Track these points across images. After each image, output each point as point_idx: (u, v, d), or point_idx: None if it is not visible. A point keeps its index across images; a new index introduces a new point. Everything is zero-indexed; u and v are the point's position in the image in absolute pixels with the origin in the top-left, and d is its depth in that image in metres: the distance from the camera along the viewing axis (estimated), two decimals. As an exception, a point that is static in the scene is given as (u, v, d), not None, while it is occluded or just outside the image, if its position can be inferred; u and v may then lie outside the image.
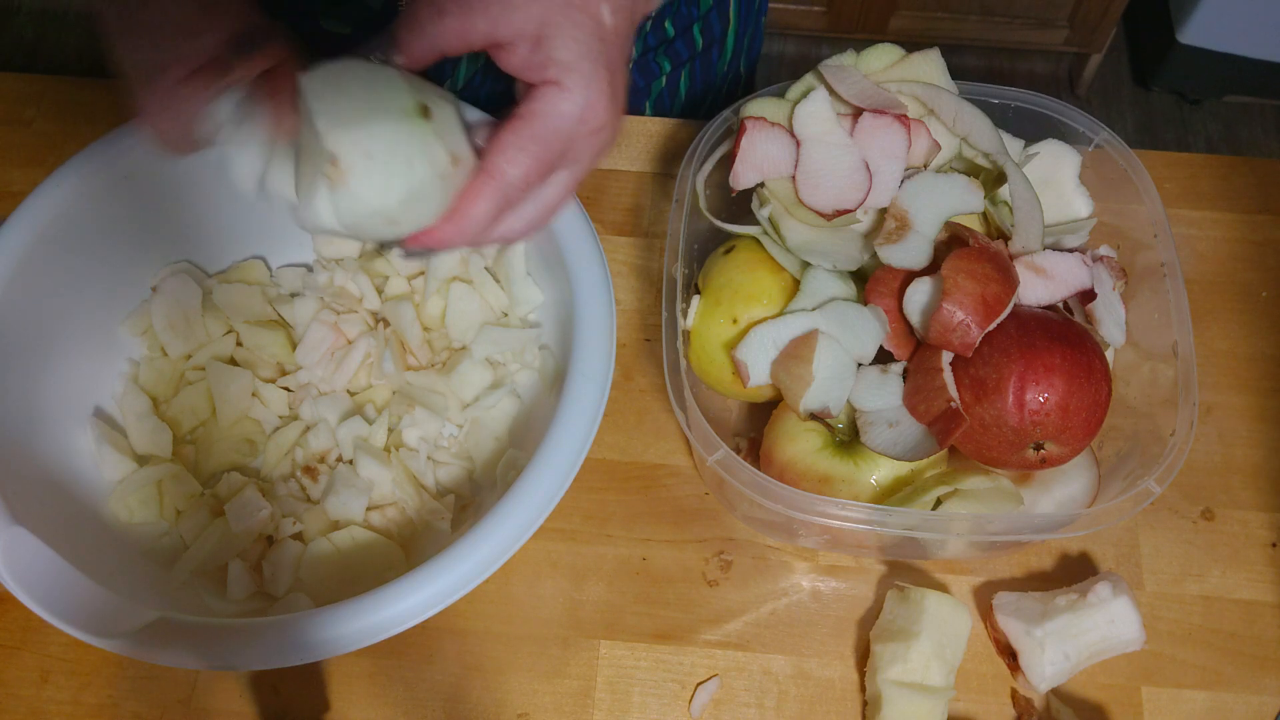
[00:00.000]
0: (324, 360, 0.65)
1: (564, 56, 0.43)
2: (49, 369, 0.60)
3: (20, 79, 0.78)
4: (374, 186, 0.42)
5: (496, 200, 0.44)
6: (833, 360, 0.56)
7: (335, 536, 0.60)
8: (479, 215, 0.44)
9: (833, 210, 0.58)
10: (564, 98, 0.43)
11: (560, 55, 0.43)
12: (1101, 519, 0.54)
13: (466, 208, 0.44)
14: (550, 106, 0.43)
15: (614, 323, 0.58)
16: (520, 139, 0.43)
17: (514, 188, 0.44)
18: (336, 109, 0.42)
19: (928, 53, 0.61)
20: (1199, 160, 0.76)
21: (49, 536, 0.50)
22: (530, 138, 0.43)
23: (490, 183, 0.44)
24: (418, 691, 0.60)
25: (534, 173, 0.44)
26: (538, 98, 0.43)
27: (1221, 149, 1.87)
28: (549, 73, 0.43)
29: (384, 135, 0.42)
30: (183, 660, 0.49)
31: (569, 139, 0.44)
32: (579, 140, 0.44)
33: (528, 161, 0.44)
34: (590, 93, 0.43)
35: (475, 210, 0.44)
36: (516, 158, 0.43)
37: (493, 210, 0.44)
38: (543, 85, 0.43)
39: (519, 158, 0.43)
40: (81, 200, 0.60)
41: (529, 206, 0.46)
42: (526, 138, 0.43)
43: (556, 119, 0.43)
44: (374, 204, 0.43)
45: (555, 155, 0.44)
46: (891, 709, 0.56)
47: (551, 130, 0.43)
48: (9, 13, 1.97)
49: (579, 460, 0.53)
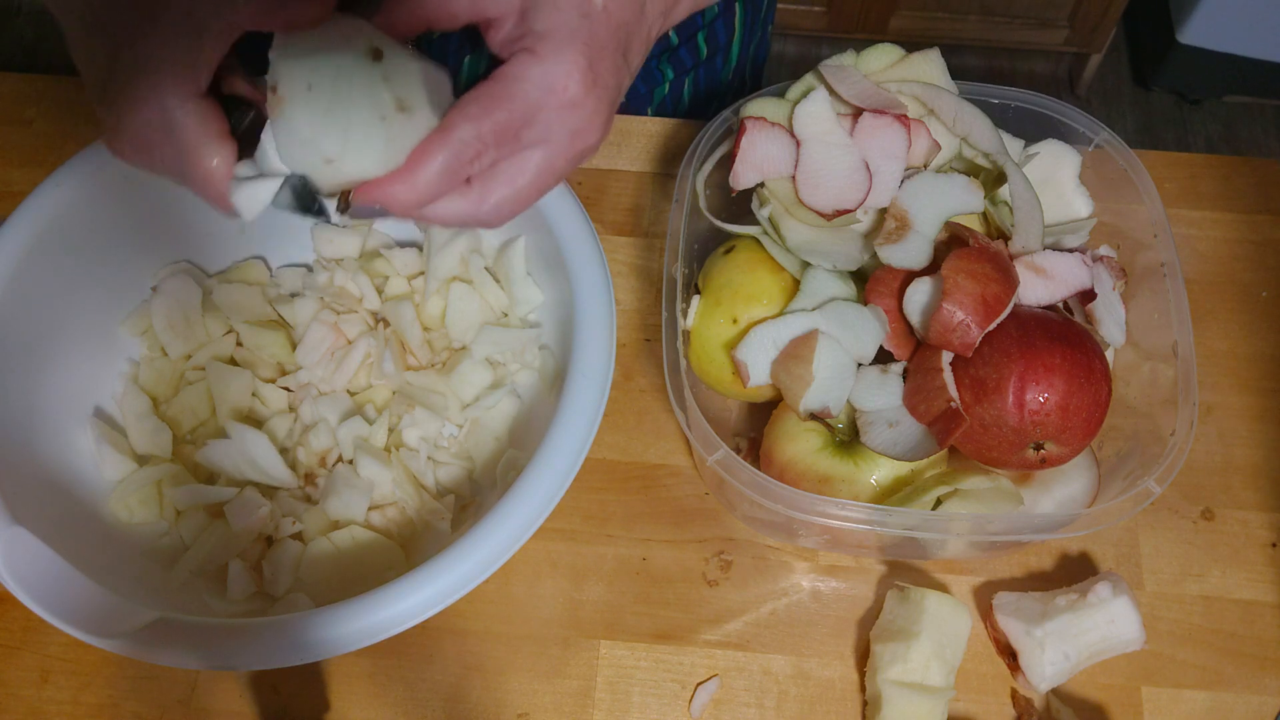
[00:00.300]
0: (324, 360, 0.65)
1: (540, 27, 0.42)
2: (49, 369, 0.60)
3: (20, 79, 0.78)
4: (310, 117, 0.42)
5: (448, 159, 0.42)
6: (833, 360, 0.56)
7: (335, 536, 0.60)
8: (429, 174, 0.42)
9: (833, 210, 0.58)
10: (533, 63, 0.42)
11: (537, 26, 0.42)
12: (1101, 519, 0.54)
13: (416, 164, 0.42)
14: (517, 70, 0.42)
15: (614, 323, 0.58)
16: (480, 98, 0.42)
17: (468, 146, 0.42)
18: (290, 47, 0.42)
19: (928, 53, 0.61)
20: (1199, 160, 0.76)
21: (49, 536, 0.50)
22: (491, 97, 0.42)
23: (443, 139, 0.42)
24: (418, 691, 0.60)
25: (490, 134, 0.42)
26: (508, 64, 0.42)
27: (1221, 149, 1.87)
28: (526, 42, 0.42)
29: (327, 69, 0.42)
30: (183, 660, 0.49)
31: (535, 106, 0.42)
32: (547, 111, 0.43)
33: (485, 121, 0.41)
34: (562, 63, 0.42)
35: (426, 168, 0.42)
36: (473, 114, 0.41)
37: (444, 170, 0.42)
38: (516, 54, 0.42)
39: (475, 114, 0.41)
40: (81, 200, 0.60)
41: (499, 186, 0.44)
42: (487, 97, 0.42)
43: (522, 83, 0.42)
44: (308, 135, 0.42)
45: (518, 121, 0.42)
46: (891, 709, 0.56)
47: (516, 93, 0.42)
48: (9, 13, 1.97)
49: (579, 460, 0.53)
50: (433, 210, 0.44)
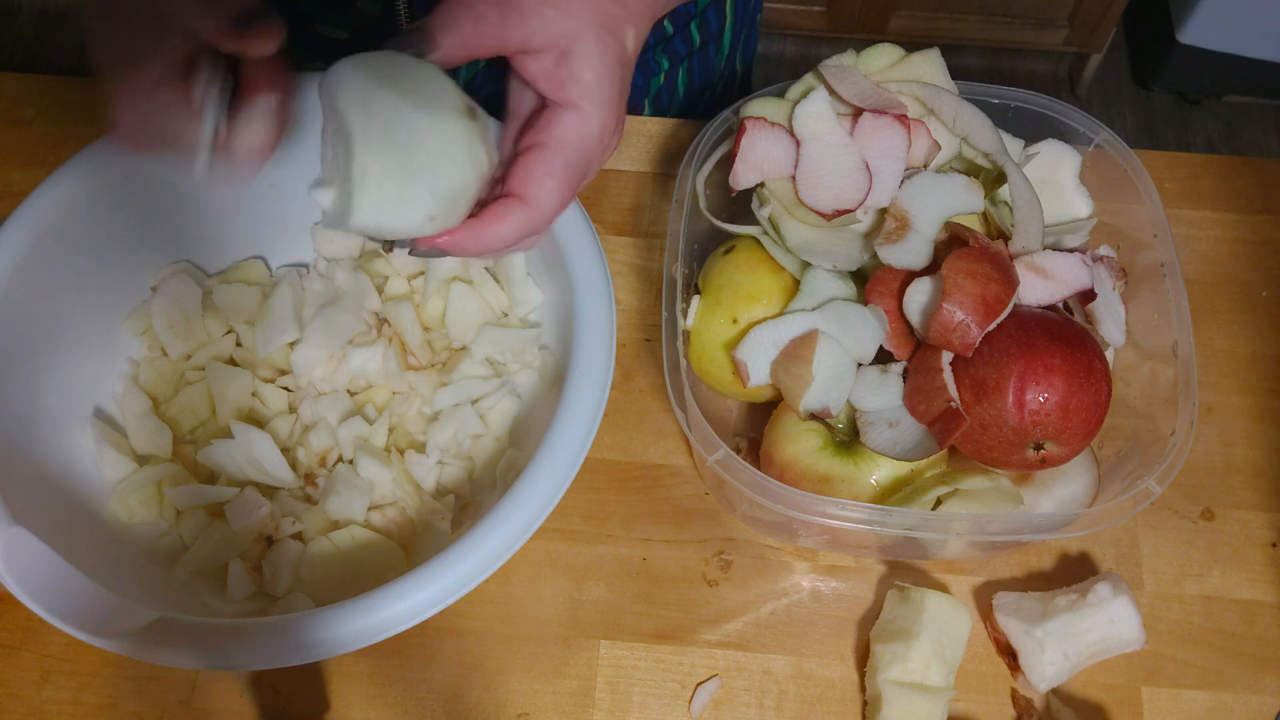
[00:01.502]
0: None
1: (586, 78, 0.44)
2: (49, 369, 0.60)
3: (20, 79, 0.78)
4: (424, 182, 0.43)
5: (527, 228, 0.45)
6: (833, 360, 0.56)
7: (335, 536, 0.60)
8: (505, 236, 0.45)
9: (833, 210, 0.58)
10: (585, 123, 0.45)
11: (583, 76, 0.44)
12: (1101, 519, 0.54)
13: (495, 225, 0.45)
14: (573, 134, 0.44)
15: (614, 323, 0.58)
16: (552, 169, 0.44)
17: (548, 218, 0.45)
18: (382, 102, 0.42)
19: (928, 53, 0.61)
20: (1199, 160, 0.76)
21: (49, 536, 0.50)
22: (562, 167, 0.44)
23: (526, 210, 0.44)
24: (418, 691, 0.60)
25: (567, 201, 0.46)
26: (559, 122, 0.44)
27: (1221, 149, 1.87)
28: (570, 93, 0.44)
29: (440, 131, 0.43)
30: (183, 660, 0.49)
31: (591, 161, 0.46)
32: (596, 159, 0.46)
33: (562, 191, 0.45)
34: (606, 117, 0.45)
35: (503, 230, 0.45)
36: (553, 189, 0.45)
37: (520, 235, 0.45)
38: (563, 107, 0.44)
39: (555, 188, 0.45)
40: (81, 200, 0.59)
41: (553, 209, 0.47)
42: (559, 167, 0.44)
43: (581, 145, 0.45)
44: (422, 200, 0.43)
45: (581, 179, 0.46)
46: (891, 709, 0.56)
47: (578, 157, 0.45)
48: (9, 13, 1.97)
49: (579, 460, 0.53)
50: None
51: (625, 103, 0.47)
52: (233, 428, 0.61)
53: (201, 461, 0.62)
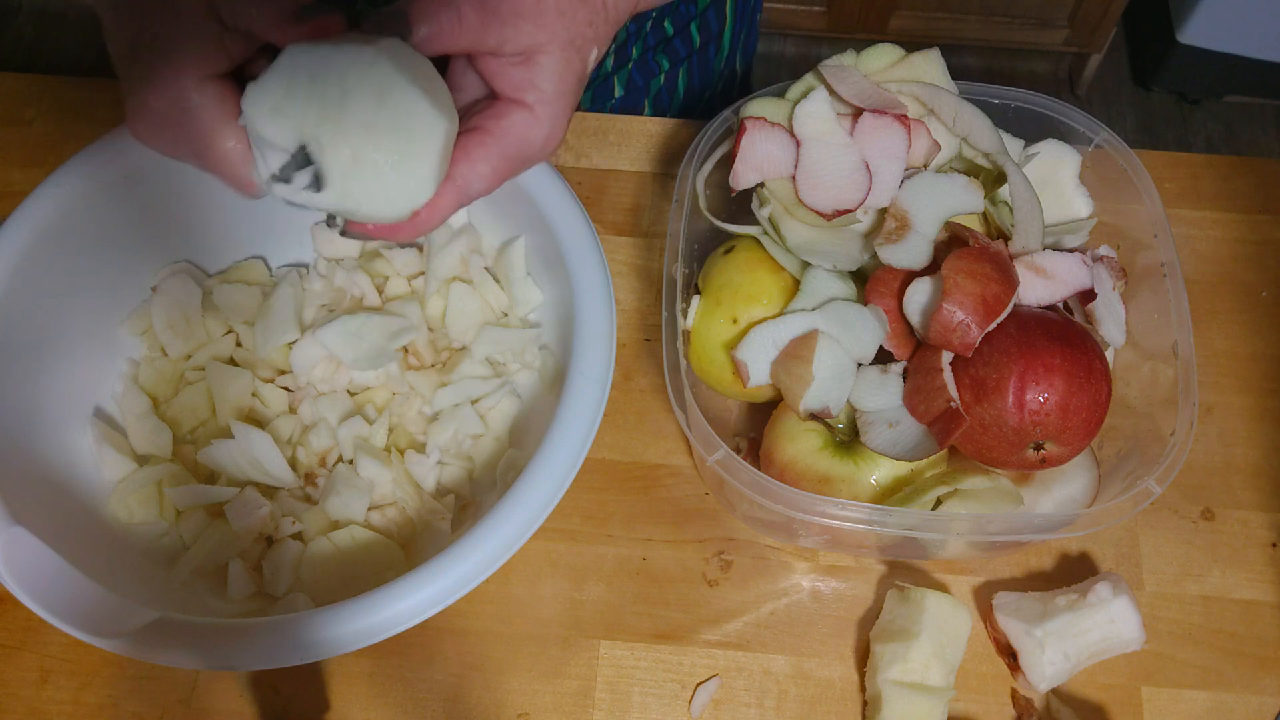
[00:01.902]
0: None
1: (546, 87, 0.46)
2: (49, 369, 0.60)
3: (20, 79, 0.78)
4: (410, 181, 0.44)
5: (456, 208, 0.46)
6: (833, 360, 0.56)
7: (335, 536, 0.60)
8: (437, 219, 0.46)
9: (833, 210, 0.58)
10: (534, 125, 0.46)
11: (543, 84, 0.45)
12: (1101, 519, 0.54)
13: (430, 213, 0.45)
14: (521, 131, 0.46)
15: (614, 323, 0.57)
16: (490, 155, 0.46)
17: (470, 200, 0.46)
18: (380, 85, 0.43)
19: (928, 53, 0.61)
20: (1199, 160, 0.76)
21: (49, 536, 0.50)
22: (500, 156, 0.46)
23: (456, 194, 0.46)
24: (418, 691, 0.60)
25: (494, 187, 0.47)
26: (508, 116, 0.46)
27: (1221, 149, 1.87)
28: (527, 96, 0.46)
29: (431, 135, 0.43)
30: (183, 660, 0.49)
31: (528, 159, 0.47)
32: (533, 160, 0.48)
33: (492, 178, 0.46)
34: (556, 126, 0.47)
35: (436, 215, 0.46)
36: (484, 173, 0.46)
37: (444, 216, 0.46)
38: (515, 104, 0.46)
39: (486, 173, 0.46)
40: (81, 200, 0.59)
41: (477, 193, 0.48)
42: (496, 155, 0.46)
43: (524, 144, 0.46)
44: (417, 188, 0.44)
45: (512, 172, 0.47)
46: (891, 709, 0.56)
47: (518, 152, 0.46)
48: (9, 13, 1.97)
49: (579, 460, 0.53)
50: None
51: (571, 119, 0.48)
52: (233, 428, 0.61)
53: (201, 461, 0.62)
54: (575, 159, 0.75)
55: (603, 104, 0.83)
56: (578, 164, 0.75)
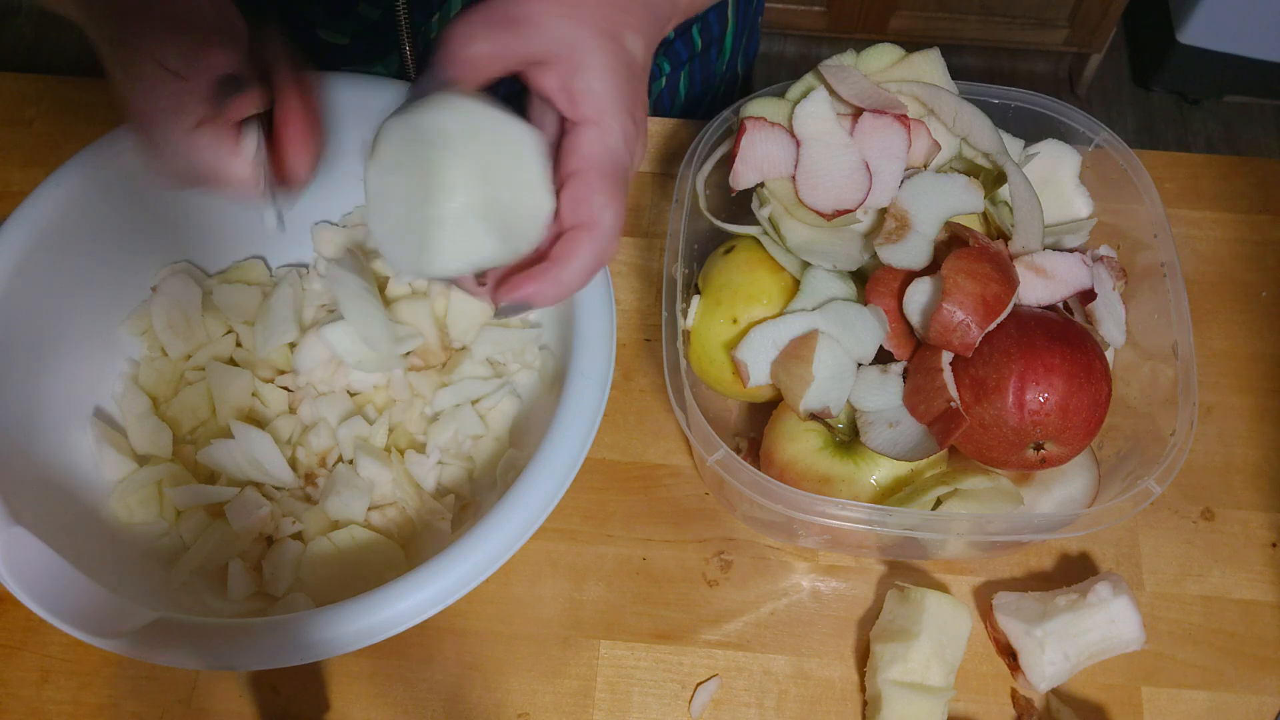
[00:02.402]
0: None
1: (597, 88, 0.44)
2: (49, 369, 0.60)
3: (20, 79, 0.78)
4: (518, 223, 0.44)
5: (599, 253, 0.44)
6: (833, 360, 0.56)
7: (335, 536, 0.60)
8: (583, 268, 0.44)
9: (833, 210, 0.58)
10: (608, 136, 0.44)
11: (594, 86, 0.44)
12: (1101, 519, 0.54)
13: (571, 262, 0.44)
14: (600, 148, 0.44)
15: (614, 323, 0.58)
16: (597, 189, 0.44)
17: (612, 237, 0.44)
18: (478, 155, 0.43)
19: (928, 53, 0.61)
20: (1199, 160, 0.76)
21: (49, 536, 0.50)
22: (606, 185, 0.44)
23: (592, 235, 0.44)
24: (418, 691, 0.60)
25: (624, 214, 0.45)
26: (586, 143, 0.44)
27: (1221, 149, 1.87)
28: (585, 109, 0.44)
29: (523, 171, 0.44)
30: (183, 660, 0.49)
31: (626, 169, 0.45)
32: (631, 167, 0.46)
33: (616, 207, 0.44)
34: (625, 124, 0.44)
35: (579, 264, 0.44)
36: (605, 205, 0.44)
37: (596, 263, 0.44)
38: (582, 125, 0.44)
39: (607, 204, 0.44)
40: (81, 200, 0.59)
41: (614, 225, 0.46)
42: (603, 186, 0.44)
43: (612, 158, 0.44)
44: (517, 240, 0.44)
45: (625, 188, 0.45)
46: (891, 709, 0.56)
47: (615, 169, 0.44)
48: (9, 13, 1.97)
49: (579, 460, 0.53)
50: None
51: (643, 106, 0.46)
52: (233, 427, 0.61)
53: (201, 461, 0.62)
54: (575, 159, 0.75)
55: None
56: (578, 164, 0.75)
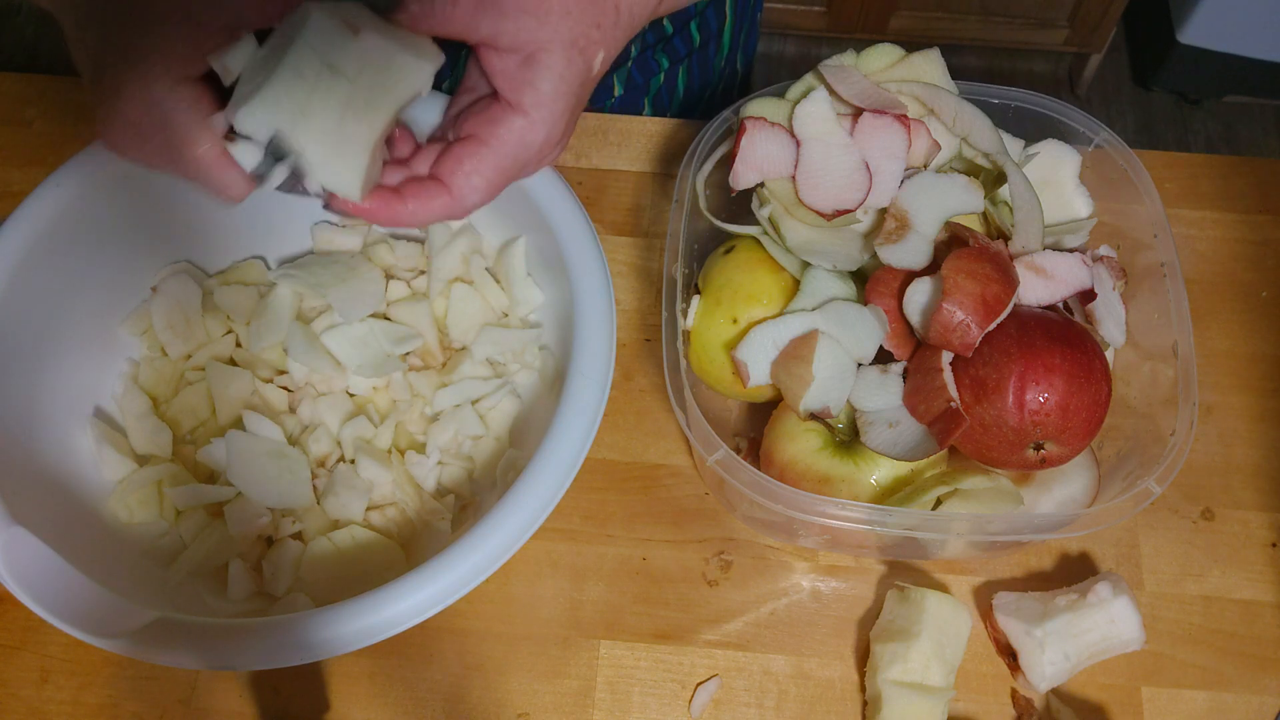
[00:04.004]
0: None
1: (544, 89, 0.44)
2: (49, 369, 0.60)
3: (20, 79, 0.78)
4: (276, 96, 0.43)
5: (444, 215, 0.46)
6: (833, 360, 0.56)
7: (335, 536, 0.60)
8: (419, 218, 0.45)
9: (833, 210, 0.58)
10: (531, 130, 0.45)
11: (542, 86, 0.44)
12: (1101, 519, 0.54)
13: (413, 206, 0.45)
14: (516, 138, 0.45)
15: (614, 323, 0.58)
16: (484, 166, 0.45)
17: (466, 210, 0.46)
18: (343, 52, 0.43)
19: (928, 53, 0.61)
20: (1199, 160, 0.76)
21: (49, 536, 0.50)
22: (494, 167, 0.45)
23: (447, 200, 0.45)
24: (418, 691, 0.60)
25: (490, 197, 0.46)
26: (503, 122, 0.45)
27: (1221, 149, 1.87)
28: (524, 98, 0.44)
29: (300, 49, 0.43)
30: (183, 660, 0.49)
31: (524, 165, 0.46)
32: (530, 165, 0.46)
33: (488, 190, 0.45)
34: (553, 130, 0.45)
35: (419, 213, 0.45)
36: (479, 185, 0.45)
37: (435, 220, 0.46)
38: (512, 109, 0.44)
39: (481, 185, 0.45)
40: (81, 200, 0.59)
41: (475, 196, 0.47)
42: (490, 166, 0.45)
43: (520, 149, 0.45)
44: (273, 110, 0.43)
45: (509, 180, 0.46)
46: (891, 709, 0.56)
47: (512, 161, 0.45)
48: (9, 13, 1.97)
49: (579, 460, 0.53)
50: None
51: (576, 121, 0.47)
52: (246, 419, 0.61)
53: (201, 461, 0.62)
54: (575, 159, 0.75)
55: (602, 102, 0.83)
56: (578, 164, 0.75)
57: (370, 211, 0.45)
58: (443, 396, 0.64)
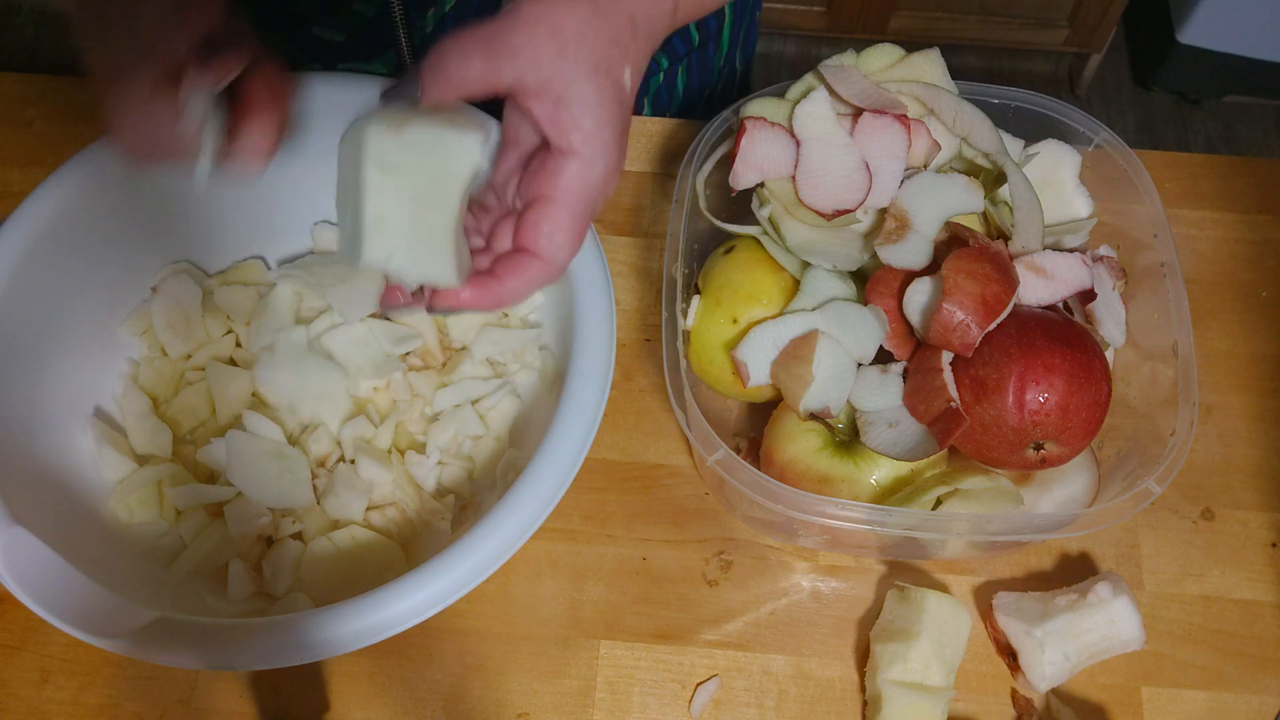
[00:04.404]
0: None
1: (586, 125, 0.44)
2: (49, 369, 0.60)
3: (20, 79, 0.78)
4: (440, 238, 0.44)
5: (542, 281, 0.45)
6: (833, 360, 0.56)
7: (335, 536, 0.60)
8: (521, 291, 0.45)
9: (833, 210, 0.58)
10: (589, 171, 0.44)
11: (583, 123, 0.44)
12: (1101, 519, 0.54)
13: (511, 282, 0.45)
14: (578, 183, 0.44)
15: (614, 323, 0.58)
16: (561, 222, 0.44)
17: (561, 269, 0.45)
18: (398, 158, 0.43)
19: (928, 53, 0.61)
20: (1199, 160, 0.76)
21: (49, 536, 0.50)
22: (571, 217, 0.45)
23: (540, 265, 0.45)
24: (418, 691, 0.60)
25: (577, 250, 0.46)
26: (564, 173, 0.44)
27: (1221, 149, 1.87)
28: (571, 139, 0.44)
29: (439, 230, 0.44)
30: (183, 660, 0.49)
31: (595, 206, 0.45)
32: (599, 200, 0.46)
33: (573, 243, 0.45)
34: (610, 161, 0.45)
35: (519, 286, 0.45)
36: (564, 242, 0.45)
37: (535, 288, 0.46)
38: (565, 154, 0.44)
39: (565, 241, 0.45)
40: (81, 200, 0.59)
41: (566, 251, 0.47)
42: (567, 218, 0.44)
43: (586, 194, 0.45)
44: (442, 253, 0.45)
45: (587, 221, 0.46)
46: (891, 709, 0.56)
47: (585, 206, 0.45)
48: (9, 13, 1.97)
49: (579, 460, 0.53)
50: None
51: (626, 141, 0.46)
52: (246, 419, 0.61)
53: (201, 461, 0.62)
54: (575, 159, 0.75)
55: None
56: (578, 164, 0.75)
57: (474, 300, 0.45)
58: (443, 396, 0.64)
